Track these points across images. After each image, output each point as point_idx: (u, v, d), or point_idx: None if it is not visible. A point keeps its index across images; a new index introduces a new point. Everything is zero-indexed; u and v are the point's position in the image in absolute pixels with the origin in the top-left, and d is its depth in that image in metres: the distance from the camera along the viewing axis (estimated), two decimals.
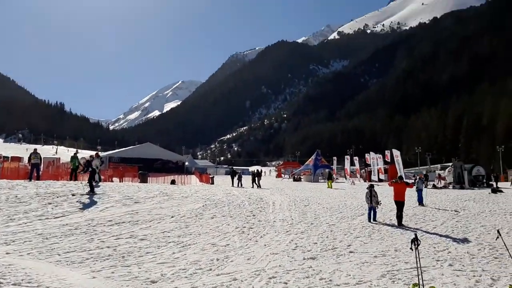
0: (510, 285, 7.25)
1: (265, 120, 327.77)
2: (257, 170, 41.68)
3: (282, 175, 64.83)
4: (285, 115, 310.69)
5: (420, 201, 20.37)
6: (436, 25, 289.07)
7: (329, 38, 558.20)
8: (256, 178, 33.47)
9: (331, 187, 33.82)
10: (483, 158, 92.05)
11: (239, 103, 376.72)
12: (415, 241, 6.69)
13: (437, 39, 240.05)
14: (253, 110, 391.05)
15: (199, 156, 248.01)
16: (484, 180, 42.58)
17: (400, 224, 14.30)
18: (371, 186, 15.83)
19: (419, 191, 20.88)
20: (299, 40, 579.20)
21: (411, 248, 6.81)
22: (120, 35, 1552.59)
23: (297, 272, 8.16)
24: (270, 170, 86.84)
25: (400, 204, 14.64)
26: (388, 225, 14.31)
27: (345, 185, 38.74)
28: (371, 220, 14.89)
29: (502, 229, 12.41)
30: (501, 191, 30.42)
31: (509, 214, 17.72)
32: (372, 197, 15.11)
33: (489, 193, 28.87)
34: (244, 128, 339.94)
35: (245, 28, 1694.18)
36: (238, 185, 32.32)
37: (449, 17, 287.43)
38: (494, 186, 35.40)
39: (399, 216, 14.53)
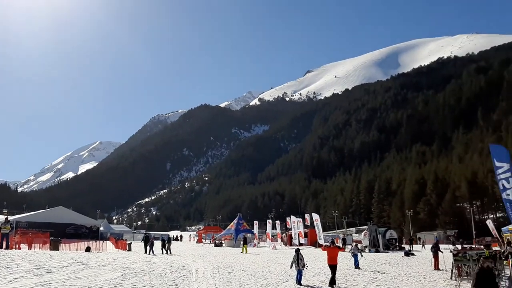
0: None
1: (186, 183, 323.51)
2: (168, 236, 40.98)
3: (203, 240, 63.50)
4: (206, 178, 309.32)
5: (356, 265, 21.77)
6: (348, 96, 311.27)
7: (250, 104, 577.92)
8: (167, 244, 32.19)
9: (246, 252, 33.60)
10: (394, 221, 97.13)
11: (160, 165, 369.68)
12: None
13: (349, 109, 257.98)
14: (174, 173, 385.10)
15: (115, 221, 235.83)
16: (397, 244, 44.85)
17: (331, 285, 14.94)
18: (298, 250, 16.29)
19: (355, 256, 22.20)
20: (222, 105, 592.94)
21: None
22: (36, 92, 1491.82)
23: None
24: (190, 235, 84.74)
25: (333, 267, 15.41)
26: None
27: (266, 250, 38.78)
28: (298, 282, 15.18)
29: None
30: (413, 254, 32.15)
31: (423, 277, 18.71)
32: (299, 260, 15.53)
33: (403, 256, 30.37)
34: (164, 191, 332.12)
35: (168, 91, 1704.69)
36: (149, 253, 30.41)
37: (359, 89, 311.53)
38: (407, 249, 37.34)
39: (333, 278, 15.26)
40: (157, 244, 32.90)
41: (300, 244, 46.30)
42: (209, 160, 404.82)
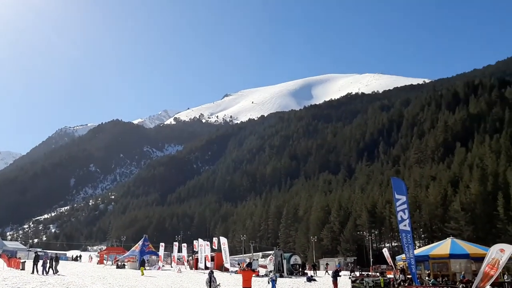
0: None
1: (91, 201, 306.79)
2: (56, 254, 38.97)
3: (105, 261, 60.31)
4: (113, 196, 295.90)
5: None
6: (263, 122, 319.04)
7: (165, 123, 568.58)
8: (54, 263, 30.14)
9: (143, 274, 32.55)
10: (299, 247, 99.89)
11: (63, 180, 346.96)
12: None
13: (263, 135, 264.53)
14: (78, 189, 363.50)
15: (9, 237, 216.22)
16: (300, 269, 46.05)
17: None
18: (212, 272, 17.21)
19: (273, 281, 22.82)
20: (135, 121, 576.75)
21: None
22: None
23: None
24: (90, 255, 80.00)
25: None
26: None
27: (171, 273, 37.79)
28: None
29: None
30: (315, 280, 33.19)
31: None
32: (211, 282, 16.31)
33: (305, 281, 31.21)
34: (66, 208, 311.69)
35: (78, 103, 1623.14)
36: (43, 273, 28.17)
37: (274, 117, 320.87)
38: (309, 275, 38.46)
39: None
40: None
41: (206, 268, 45.77)
42: (117, 178, 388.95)
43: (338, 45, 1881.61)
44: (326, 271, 52.62)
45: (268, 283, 23.15)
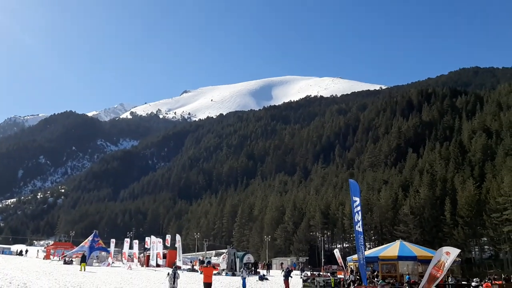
0: None
1: (39, 194, 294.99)
2: None
3: (51, 257, 58.12)
4: (63, 190, 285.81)
5: (244, 286, 23.86)
6: (221, 121, 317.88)
7: (121, 117, 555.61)
8: None
9: (84, 270, 31.59)
10: (253, 246, 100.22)
11: (10, 171, 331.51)
12: None
13: (222, 134, 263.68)
14: (26, 182, 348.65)
15: None
16: (253, 268, 46.14)
17: None
18: (176, 269, 18.34)
19: (243, 279, 24.21)
20: (89, 114, 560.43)
21: None
22: None
23: None
24: (38, 250, 76.76)
25: (208, 285, 17.63)
26: None
27: (120, 270, 36.87)
28: None
29: None
30: (267, 279, 33.34)
31: None
32: (175, 278, 17.09)
33: (257, 280, 31.27)
34: (12, 200, 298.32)
35: (29, 91, 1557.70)
36: None
37: (233, 116, 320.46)
38: (261, 274, 38.62)
39: None
40: None
41: (158, 266, 45.00)
42: (68, 171, 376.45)
43: (300, 48, 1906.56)
44: (282, 270, 52.95)
45: (242, 279, 24.37)
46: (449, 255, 15.33)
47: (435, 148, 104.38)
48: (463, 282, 24.08)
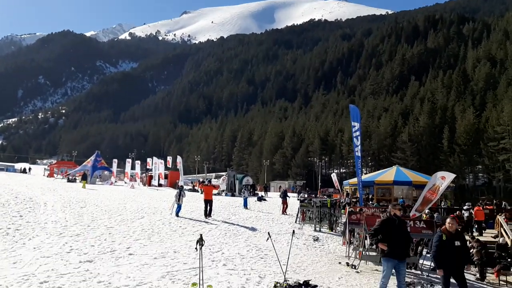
0: (275, 281, 8.29)
1: (40, 114, 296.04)
2: None
3: (55, 175, 59.53)
4: (63, 111, 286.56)
5: (245, 205, 24.75)
6: (222, 44, 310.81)
7: (120, 37, 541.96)
8: None
9: (85, 187, 32.47)
10: (251, 170, 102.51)
11: (10, 91, 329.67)
12: (200, 241, 7.11)
13: (222, 57, 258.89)
14: (26, 102, 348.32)
15: None
16: (252, 190, 47.44)
17: (208, 216, 17.98)
18: (182, 187, 19.42)
19: (245, 199, 25.43)
20: (88, 34, 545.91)
21: (195, 248, 7.23)
22: None
23: (72, 276, 7.66)
24: (44, 168, 78.33)
25: (208, 201, 18.39)
26: (192, 219, 14.72)
27: (123, 188, 37.93)
28: (176, 215, 17.43)
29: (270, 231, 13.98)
30: (265, 200, 34.45)
31: (271, 220, 20.20)
32: (180, 196, 17.94)
33: (255, 201, 32.30)
34: (13, 119, 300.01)
35: (25, 9, 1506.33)
36: None
37: (234, 39, 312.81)
38: (259, 195, 39.81)
39: (208, 210, 18.21)
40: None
41: (160, 185, 46.25)
42: (68, 92, 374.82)
43: None
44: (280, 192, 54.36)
45: (243, 199, 25.61)
46: (444, 179, 15.64)
47: (438, 76, 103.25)
48: (455, 207, 24.89)
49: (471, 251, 12.43)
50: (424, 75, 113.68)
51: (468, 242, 7.54)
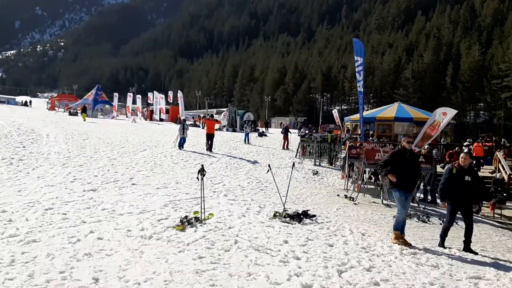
0: (275, 211, 8.50)
1: (38, 46, 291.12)
2: None
3: (56, 108, 59.51)
4: (62, 43, 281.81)
5: (248, 141, 24.74)
6: None
7: None
8: None
9: (85, 120, 32.52)
10: (253, 106, 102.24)
11: (6, 23, 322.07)
12: (202, 171, 7.22)
13: None
14: (24, 33, 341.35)
15: None
16: (253, 125, 47.56)
17: (210, 150, 18.17)
18: (184, 121, 19.47)
19: (247, 134, 25.39)
20: None
21: (197, 178, 7.36)
22: None
23: (76, 204, 7.85)
24: (47, 102, 77.96)
25: (210, 136, 18.71)
26: (195, 152, 14.90)
27: (125, 122, 38.03)
28: (181, 146, 17.91)
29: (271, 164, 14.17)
30: (265, 135, 34.67)
31: (272, 155, 20.42)
32: (184, 130, 18.18)
33: (256, 136, 32.47)
34: (12, 52, 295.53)
35: None
36: None
37: None
38: (261, 130, 39.97)
39: (210, 145, 18.44)
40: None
41: (161, 120, 46.34)
42: (66, 24, 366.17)
43: None
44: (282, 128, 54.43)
45: (245, 134, 25.61)
46: (445, 115, 15.60)
47: (445, 11, 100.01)
48: (454, 143, 25.05)
49: None
50: (431, 10, 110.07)
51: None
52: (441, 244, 7.18)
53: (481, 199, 12.53)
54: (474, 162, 19.87)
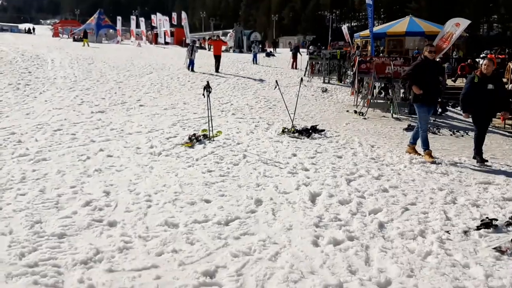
0: (283, 127, 8.48)
1: None
2: None
3: (60, 35, 58.38)
4: None
5: (256, 61, 24.73)
6: None
7: None
8: None
9: (88, 45, 31.85)
10: (259, 26, 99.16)
11: None
12: (207, 87, 7.14)
13: None
14: None
15: None
16: (260, 46, 46.53)
17: (217, 71, 18.02)
18: (194, 42, 19.54)
19: (255, 54, 25.49)
20: None
21: (203, 94, 7.30)
22: None
23: (85, 125, 7.88)
24: (50, 29, 76.40)
25: (218, 57, 18.52)
26: (203, 73, 14.84)
27: (130, 47, 37.36)
28: (192, 70, 17.81)
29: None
30: (273, 55, 34.03)
31: (280, 74, 20.11)
32: (193, 51, 18.08)
33: (264, 56, 31.88)
34: None
35: None
36: None
37: None
38: (268, 51, 39.18)
39: (217, 66, 18.29)
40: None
41: (166, 43, 45.41)
42: None
43: None
44: (290, 48, 53.26)
45: (253, 55, 25.57)
46: (458, 26, 15.02)
47: None
48: (467, 57, 24.39)
49: None
50: None
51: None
52: (477, 154, 6.69)
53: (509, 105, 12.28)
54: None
